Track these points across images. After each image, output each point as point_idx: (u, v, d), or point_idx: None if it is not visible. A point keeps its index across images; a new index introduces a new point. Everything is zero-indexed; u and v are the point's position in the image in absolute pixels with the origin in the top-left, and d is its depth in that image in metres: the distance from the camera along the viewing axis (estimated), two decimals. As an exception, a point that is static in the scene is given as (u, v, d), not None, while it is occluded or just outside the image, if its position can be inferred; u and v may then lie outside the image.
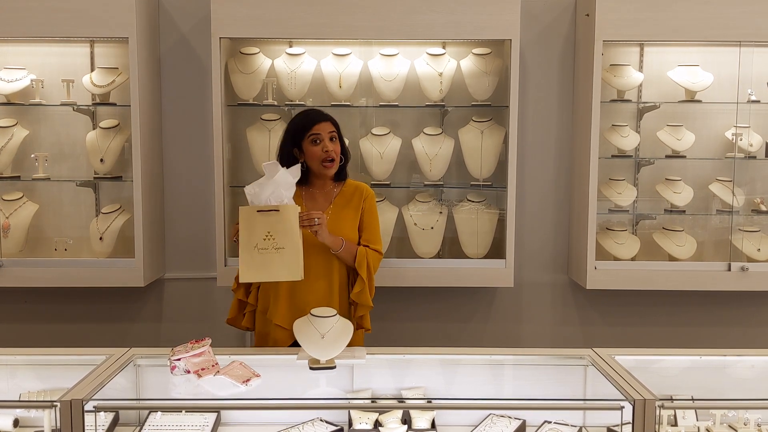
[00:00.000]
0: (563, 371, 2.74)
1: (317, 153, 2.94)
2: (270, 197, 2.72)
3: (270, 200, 2.73)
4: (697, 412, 2.63)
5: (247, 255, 2.73)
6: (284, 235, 2.71)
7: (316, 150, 2.94)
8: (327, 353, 2.59)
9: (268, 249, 2.71)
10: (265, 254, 2.71)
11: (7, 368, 2.77)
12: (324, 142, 2.94)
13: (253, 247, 2.72)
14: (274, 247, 2.71)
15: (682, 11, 3.73)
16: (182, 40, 4.05)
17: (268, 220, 2.71)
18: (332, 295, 2.99)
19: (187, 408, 2.56)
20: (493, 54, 3.94)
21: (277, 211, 2.72)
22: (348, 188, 3.08)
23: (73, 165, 4.03)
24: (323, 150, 2.93)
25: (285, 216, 2.72)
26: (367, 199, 3.07)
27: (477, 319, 4.24)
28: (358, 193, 3.06)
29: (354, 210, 3.04)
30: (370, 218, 3.07)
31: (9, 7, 3.66)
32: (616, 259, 3.98)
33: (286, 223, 2.72)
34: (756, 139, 3.98)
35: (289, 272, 2.73)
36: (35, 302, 4.11)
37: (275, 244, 2.71)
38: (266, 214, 2.71)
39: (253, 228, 2.72)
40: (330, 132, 2.97)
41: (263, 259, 2.72)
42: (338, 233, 2.95)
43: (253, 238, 2.72)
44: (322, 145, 2.94)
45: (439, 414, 2.59)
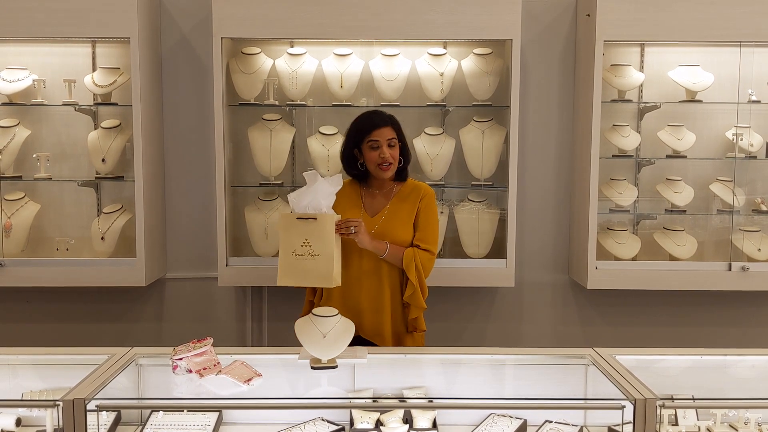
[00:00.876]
0: (564, 371, 2.74)
1: (374, 158, 2.98)
2: (308, 206, 2.80)
3: (308, 209, 2.81)
4: (698, 411, 2.63)
5: (285, 260, 2.82)
6: (320, 242, 2.79)
7: (374, 155, 2.98)
8: (328, 353, 2.60)
9: (304, 255, 2.80)
10: (302, 260, 2.80)
11: (10, 368, 2.77)
12: (382, 148, 2.97)
13: (291, 252, 2.80)
14: (310, 254, 2.80)
15: (683, 11, 3.74)
16: (183, 40, 4.06)
17: (306, 228, 2.80)
18: (383, 295, 3.00)
19: (188, 407, 2.56)
20: (494, 54, 3.94)
21: (315, 219, 2.79)
22: (406, 188, 3.09)
23: (75, 165, 4.03)
24: (380, 156, 2.97)
25: (322, 224, 2.79)
26: (423, 198, 3.07)
27: (478, 319, 4.24)
28: (416, 192, 3.07)
29: (410, 209, 3.04)
30: (425, 217, 3.06)
31: (11, 8, 3.67)
32: (617, 258, 3.98)
33: (322, 231, 2.79)
34: (756, 139, 3.99)
35: (322, 279, 2.80)
36: (37, 302, 4.12)
37: (311, 251, 2.79)
38: (304, 222, 2.80)
39: (292, 234, 2.81)
40: (389, 138, 2.99)
41: (299, 265, 2.80)
42: (391, 232, 2.99)
43: (292, 244, 2.80)
44: (380, 151, 2.97)
45: (440, 413, 2.60)
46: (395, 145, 3.01)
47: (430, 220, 3.06)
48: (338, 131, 3.95)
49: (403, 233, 3.01)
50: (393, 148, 3.00)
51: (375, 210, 3.05)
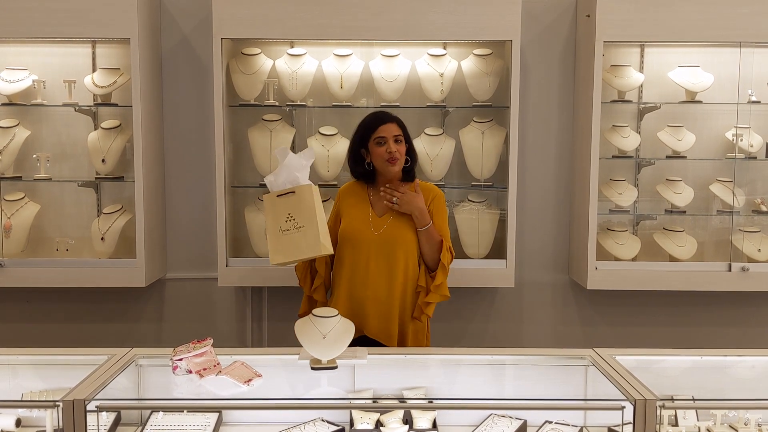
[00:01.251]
0: (564, 371, 2.74)
1: (381, 153, 3.00)
2: (285, 181, 2.82)
3: (285, 184, 2.83)
4: (698, 412, 2.63)
5: (273, 239, 2.83)
6: (302, 213, 2.80)
7: (381, 150, 3.00)
8: (328, 353, 2.60)
9: (290, 230, 2.81)
10: (289, 235, 2.80)
11: (9, 368, 2.77)
12: (388, 143, 2.99)
13: (277, 230, 2.82)
14: (295, 227, 2.80)
15: (683, 12, 3.74)
16: (184, 41, 4.06)
17: (288, 203, 2.82)
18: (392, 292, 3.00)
19: (188, 408, 2.56)
20: (494, 54, 3.95)
21: (293, 193, 2.81)
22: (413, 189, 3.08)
23: (75, 165, 4.03)
24: (387, 150, 2.99)
25: (301, 196, 2.81)
26: (434, 200, 3.07)
27: (478, 320, 4.24)
28: (426, 194, 3.07)
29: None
30: (439, 219, 3.06)
31: (10, 8, 3.67)
32: (617, 259, 3.98)
33: (302, 202, 2.81)
34: (756, 140, 3.99)
35: (312, 248, 2.80)
36: (37, 302, 4.12)
37: (296, 224, 2.80)
38: (285, 198, 2.82)
39: (276, 212, 2.83)
40: (395, 135, 3.02)
41: (287, 240, 2.80)
42: (401, 231, 3.00)
43: (277, 221, 2.82)
44: (387, 146, 2.99)
45: (440, 414, 2.60)
46: (401, 142, 3.04)
47: (443, 221, 3.09)
48: (338, 132, 3.95)
49: (412, 235, 3.01)
50: (399, 144, 3.03)
51: (382, 210, 3.05)
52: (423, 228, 2.99)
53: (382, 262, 3.00)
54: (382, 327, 3.00)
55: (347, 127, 4.00)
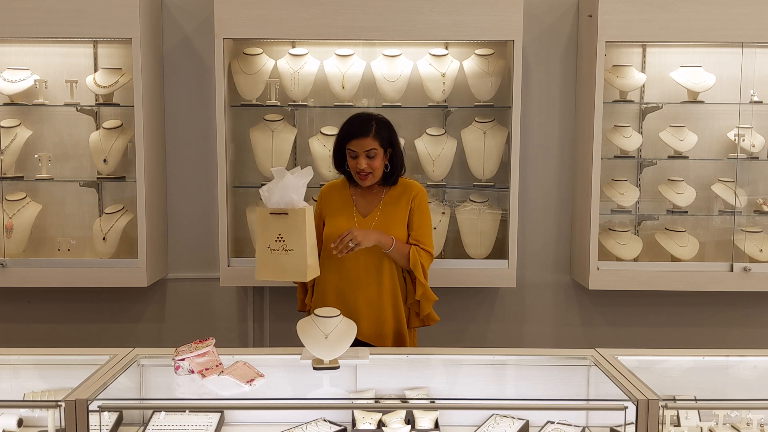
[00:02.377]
0: (566, 371, 2.74)
1: (353, 166, 2.96)
2: (279, 201, 2.78)
3: (279, 204, 2.79)
4: (700, 412, 2.63)
5: (262, 255, 2.82)
6: (293, 237, 2.77)
7: (353, 163, 2.96)
8: (330, 353, 2.59)
9: (278, 250, 2.79)
10: (276, 255, 2.79)
11: (11, 368, 2.77)
12: (359, 159, 2.92)
13: (266, 247, 2.80)
14: (283, 248, 2.79)
15: (685, 12, 3.74)
16: (185, 41, 4.06)
17: (280, 223, 2.78)
18: (382, 297, 2.98)
19: (190, 408, 2.56)
20: (496, 54, 3.95)
21: (287, 215, 2.77)
22: (397, 187, 3.06)
23: (77, 165, 4.04)
24: (357, 166, 2.93)
25: (293, 219, 2.77)
26: (416, 198, 3.03)
27: (480, 320, 4.24)
28: (408, 192, 3.04)
29: (403, 208, 3.01)
30: (419, 217, 3.03)
31: (12, 8, 3.67)
32: (619, 259, 3.98)
33: (294, 226, 2.77)
34: (758, 140, 3.99)
35: (297, 274, 2.79)
36: (38, 302, 4.12)
37: (285, 246, 2.78)
38: (277, 217, 2.78)
39: (267, 229, 2.80)
40: (368, 150, 2.91)
41: (275, 260, 2.79)
42: (391, 232, 2.96)
43: (267, 239, 2.80)
44: (357, 161, 2.93)
45: (442, 414, 2.59)
46: (375, 156, 2.93)
47: (424, 219, 3.04)
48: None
49: (398, 234, 2.98)
50: (373, 159, 2.93)
51: (366, 211, 3.02)
52: (390, 249, 2.94)
53: (371, 263, 2.97)
54: (374, 329, 2.98)
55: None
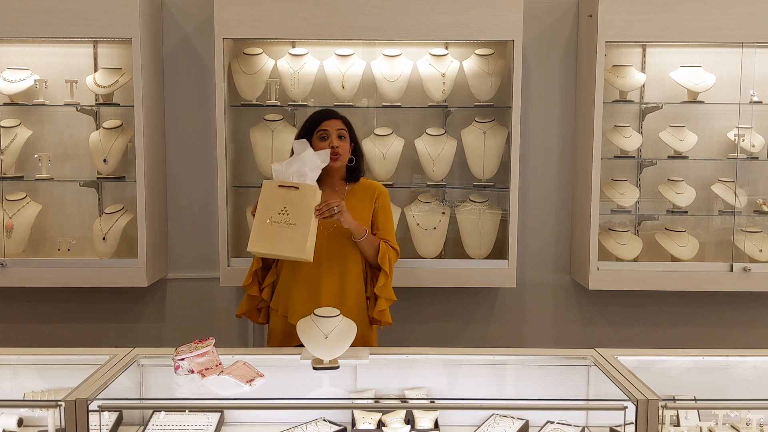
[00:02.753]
0: (566, 371, 2.74)
1: (324, 147, 2.95)
2: (294, 173, 2.77)
3: (293, 176, 2.77)
4: (700, 412, 2.63)
5: (258, 226, 2.77)
6: (299, 212, 2.74)
7: (324, 145, 2.96)
8: (330, 353, 2.60)
9: (280, 222, 2.75)
10: (277, 227, 2.75)
11: (11, 368, 2.77)
12: (331, 138, 2.97)
13: (267, 219, 2.76)
14: (286, 222, 2.75)
15: (685, 12, 3.74)
16: (185, 41, 4.06)
17: (287, 196, 2.76)
18: (345, 291, 2.99)
19: (190, 408, 2.57)
20: (496, 54, 3.95)
21: (297, 189, 2.76)
22: (360, 187, 3.08)
23: (77, 165, 4.03)
24: (329, 145, 2.95)
25: (303, 194, 2.76)
26: (379, 198, 3.07)
27: (479, 320, 4.24)
28: (370, 192, 3.06)
29: (366, 209, 3.04)
30: (384, 217, 3.06)
31: (12, 8, 3.67)
32: (619, 259, 3.98)
33: (302, 201, 2.75)
34: (758, 140, 3.99)
35: (295, 249, 2.74)
36: (38, 302, 4.12)
37: (288, 219, 2.75)
38: (286, 190, 2.76)
39: (271, 201, 2.77)
40: (339, 129, 3.00)
41: (273, 232, 2.75)
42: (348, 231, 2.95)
43: (269, 211, 2.76)
44: (329, 141, 2.96)
45: (442, 414, 2.60)
46: (345, 138, 3.01)
47: (388, 219, 3.09)
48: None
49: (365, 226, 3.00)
50: (343, 140, 2.99)
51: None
52: (362, 238, 2.95)
53: (335, 261, 2.97)
54: None
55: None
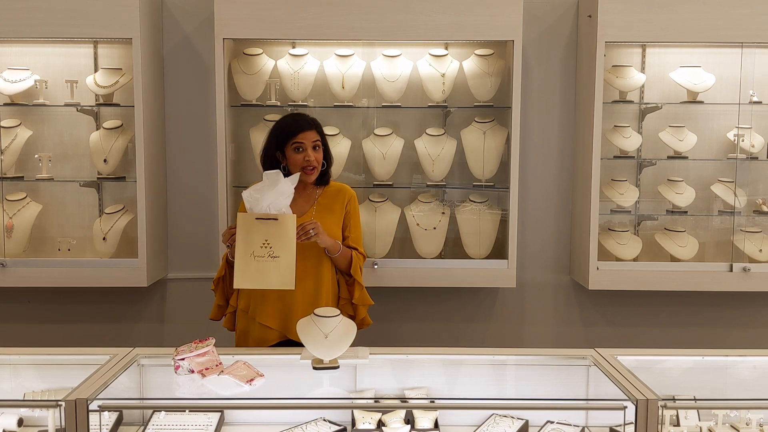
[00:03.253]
0: (566, 371, 2.74)
1: (299, 160, 2.95)
2: (270, 206, 2.74)
3: (270, 209, 2.74)
4: (700, 412, 2.63)
5: (242, 262, 2.74)
6: (281, 244, 2.73)
7: (298, 158, 2.95)
8: (330, 353, 2.60)
9: (264, 257, 2.74)
10: (261, 262, 2.73)
11: (11, 368, 2.78)
12: (306, 151, 2.95)
13: (249, 254, 2.74)
14: (270, 255, 2.74)
15: (684, 12, 3.74)
16: (186, 41, 4.06)
17: (267, 229, 2.74)
18: (320, 295, 2.99)
19: (190, 407, 2.57)
20: (496, 55, 3.95)
21: (276, 220, 2.74)
22: (330, 190, 3.09)
23: (77, 165, 4.04)
24: (305, 159, 2.94)
25: (283, 225, 2.74)
26: (350, 202, 3.09)
27: (479, 320, 4.24)
28: (341, 195, 3.07)
29: (338, 212, 3.05)
30: (354, 221, 3.10)
31: (12, 8, 3.67)
32: (618, 259, 3.98)
33: (283, 232, 2.74)
34: (758, 140, 3.99)
35: (282, 281, 2.74)
36: (38, 302, 4.12)
37: (271, 252, 2.74)
38: (265, 222, 2.74)
39: (251, 235, 2.74)
40: (314, 141, 2.97)
41: (258, 267, 2.74)
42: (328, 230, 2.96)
43: (251, 245, 2.74)
44: (305, 153, 2.95)
45: (442, 414, 2.60)
46: (319, 149, 2.99)
47: (358, 223, 3.12)
48: (339, 132, 3.95)
49: (334, 235, 3.01)
50: (317, 151, 2.98)
51: (300, 212, 3.00)
52: (337, 253, 2.97)
53: (309, 266, 2.96)
54: None
55: (348, 127, 4.01)
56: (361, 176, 4.04)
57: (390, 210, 3.97)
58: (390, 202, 4.01)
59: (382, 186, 3.97)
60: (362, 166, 4.02)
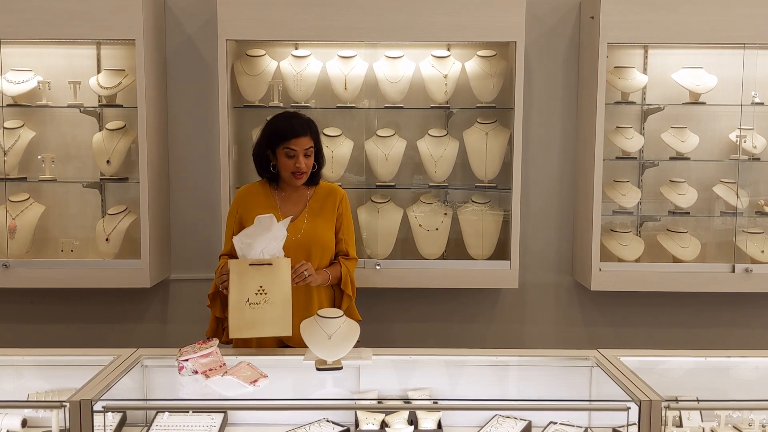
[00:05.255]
0: (568, 372, 2.75)
1: (289, 165, 2.92)
2: (264, 251, 2.67)
3: (263, 254, 2.67)
4: (702, 412, 2.63)
5: (238, 311, 2.65)
6: (276, 289, 2.66)
7: (289, 163, 2.92)
8: (334, 354, 2.60)
9: (259, 304, 2.66)
10: (257, 309, 2.66)
11: (15, 369, 2.78)
12: (298, 157, 2.91)
13: (244, 302, 2.65)
14: (265, 301, 2.66)
15: (687, 14, 3.74)
16: (188, 42, 4.07)
17: (261, 274, 2.66)
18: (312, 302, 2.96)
19: (194, 408, 2.58)
20: (498, 56, 3.95)
21: (270, 265, 2.67)
22: (321, 190, 3.07)
23: (80, 166, 4.04)
24: (295, 165, 2.92)
25: (278, 270, 2.67)
26: (342, 203, 3.07)
27: (482, 320, 4.25)
28: (333, 196, 3.06)
29: (330, 213, 3.03)
30: (347, 222, 3.09)
31: (16, 9, 3.68)
32: (621, 260, 3.98)
33: (278, 276, 2.67)
34: (760, 141, 3.99)
35: (280, 328, 2.67)
36: (41, 303, 4.13)
37: (267, 298, 2.66)
38: (258, 268, 2.65)
39: (245, 282, 2.65)
40: (306, 148, 2.92)
41: (254, 315, 2.65)
42: (316, 236, 2.96)
43: (245, 293, 2.65)
44: (295, 160, 2.91)
45: (445, 415, 2.60)
46: (311, 155, 2.96)
47: (350, 224, 3.11)
48: (342, 133, 3.96)
49: (327, 236, 3.00)
50: (309, 158, 2.94)
51: (293, 213, 2.98)
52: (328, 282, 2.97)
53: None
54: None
55: (351, 128, 4.01)
56: (363, 177, 4.04)
57: (392, 211, 3.98)
58: (392, 203, 4.02)
59: (385, 187, 3.98)
60: (364, 167, 4.02)
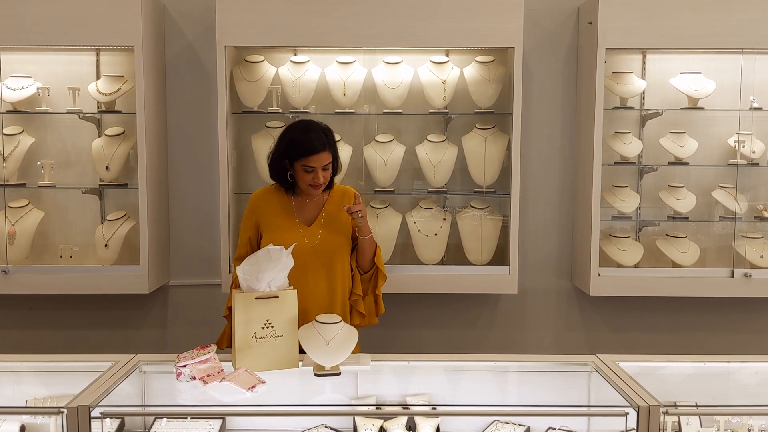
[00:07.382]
0: (567, 377, 2.74)
1: (307, 179, 2.92)
2: (271, 283, 2.64)
3: (270, 286, 2.64)
4: (701, 418, 2.62)
5: (244, 345, 2.59)
6: (284, 322, 2.63)
7: (307, 177, 2.92)
8: (332, 360, 2.60)
9: (266, 337, 2.62)
10: (264, 343, 2.61)
11: (13, 375, 2.78)
12: (316, 172, 2.90)
13: (251, 336, 2.60)
14: (272, 335, 2.62)
15: (685, 19, 3.75)
16: (188, 48, 4.08)
17: (268, 307, 2.62)
18: (334, 301, 2.99)
19: (192, 414, 2.57)
20: (497, 61, 3.96)
21: (276, 298, 2.64)
22: (336, 194, 3.07)
23: (79, 172, 4.05)
24: (313, 179, 2.91)
25: (285, 302, 2.64)
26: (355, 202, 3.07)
27: (481, 326, 4.24)
28: (347, 199, 3.06)
29: (344, 217, 3.02)
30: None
31: (15, 15, 3.68)
32: (620, 265, 3.98)
33: (285, 309, 2.64)
34: (758, 146, 3.99)
35: (288, 362, 2.64)
36: (41, 309, 4.13)
37: (274, 332, 2.62)
38: (264, 301, 2.62)
39: (251, 315, 2.60)
40: (325, 164, 2.91)
41: (261, 348, 2.61)
42: (338, 239, 2.98)
43: (251, 327, 2.60)
44: (314, 175, 2.90)
45: (443, 420, 2.60)
46: (329, 168, 2.95)
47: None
48: (341, 138, 3.96)
49: (345, 240, 3.01)
50: (327, 171, 2.94)
51: (309, 219, 3.00)
52: (368, 236, 2.97)
53: (321, 272, 2.95)
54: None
55: (350, 133, 4.02)
56: (362, 183, 4.04)
57: (391, 216, 3.98)
58: (391, 209, 4.02)
59: (384, 192, 3.98)
60: (363, 172, 4.03)
